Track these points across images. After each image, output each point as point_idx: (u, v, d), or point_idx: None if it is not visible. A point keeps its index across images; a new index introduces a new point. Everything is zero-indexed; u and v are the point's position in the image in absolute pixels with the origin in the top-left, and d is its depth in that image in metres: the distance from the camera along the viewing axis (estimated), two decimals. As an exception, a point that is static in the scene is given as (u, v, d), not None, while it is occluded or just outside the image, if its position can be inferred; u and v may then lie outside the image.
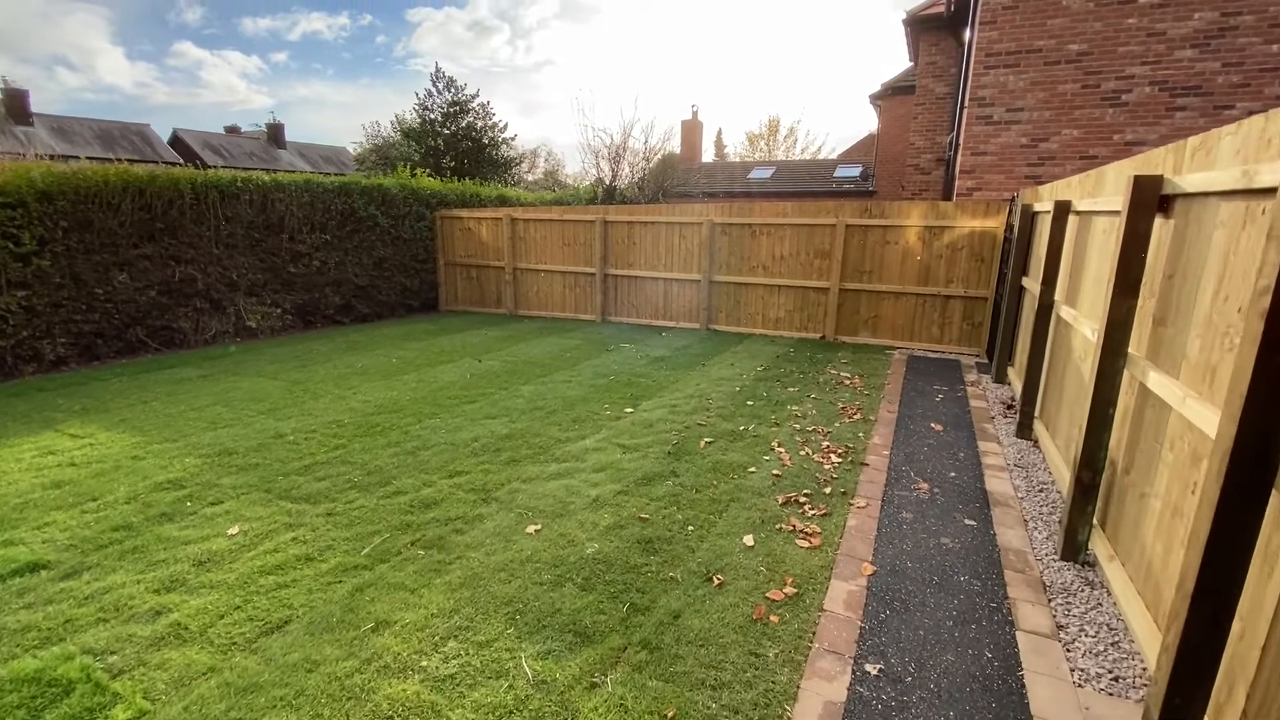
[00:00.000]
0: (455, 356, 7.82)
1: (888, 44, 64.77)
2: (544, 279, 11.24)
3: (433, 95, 18.55)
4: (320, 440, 4.84)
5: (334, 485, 4.05)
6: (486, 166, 18.72)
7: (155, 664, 2.45)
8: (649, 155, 17.29)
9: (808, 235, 9.04)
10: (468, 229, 11.68)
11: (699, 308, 9.94)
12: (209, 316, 8.51)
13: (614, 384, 6.58)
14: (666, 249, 10.08)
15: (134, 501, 3.78)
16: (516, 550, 3.29)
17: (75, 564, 3.12)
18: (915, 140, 14.01)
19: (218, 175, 8.37)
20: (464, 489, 4.02)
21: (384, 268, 10.90)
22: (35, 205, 6.57)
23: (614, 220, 10.38)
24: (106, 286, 7.34)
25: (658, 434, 5.05)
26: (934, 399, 6.22)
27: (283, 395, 6.05)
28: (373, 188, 10.53)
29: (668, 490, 4.02)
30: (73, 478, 4.11)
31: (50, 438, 4.85)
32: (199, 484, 4.04)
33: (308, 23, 68.97)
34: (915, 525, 3.65)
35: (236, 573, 3.06)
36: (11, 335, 6.58)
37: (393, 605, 2.82)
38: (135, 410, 5.56)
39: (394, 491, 3.97)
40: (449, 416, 5.45)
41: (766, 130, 35.47)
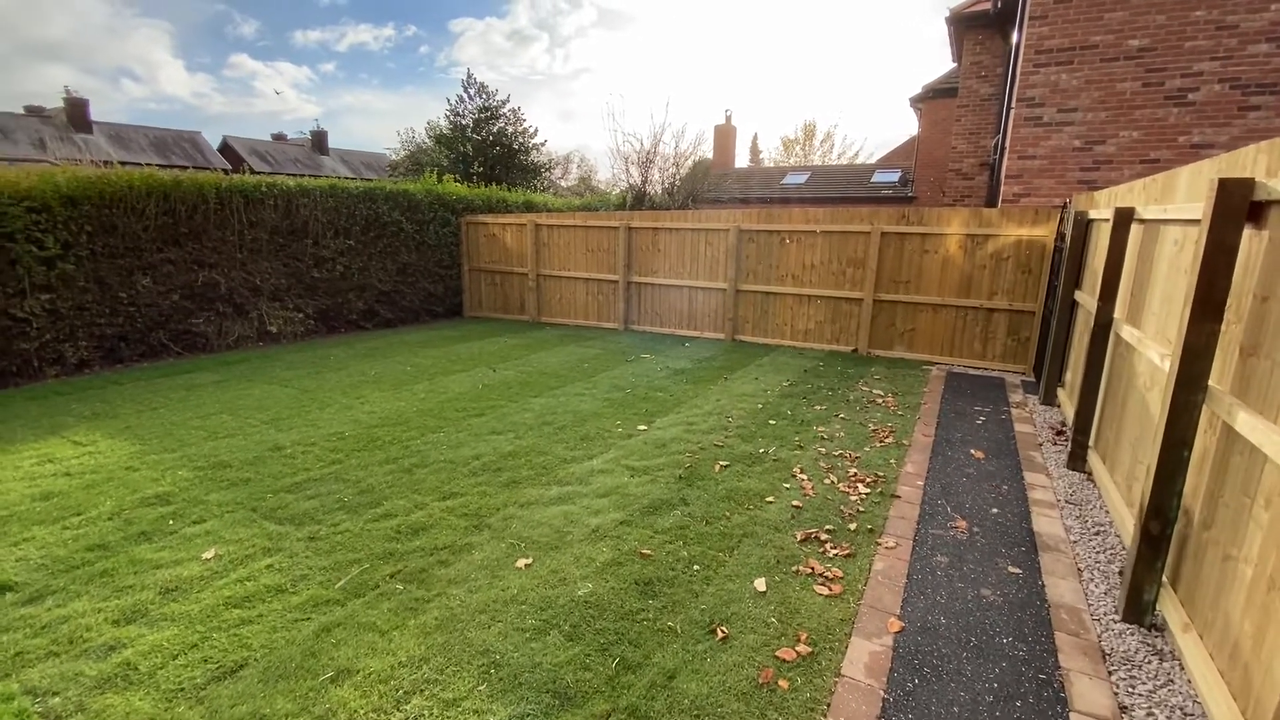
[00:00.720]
0: (470, 365, 7.64)
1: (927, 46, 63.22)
2: (567, 286, 11.02)
3: (464, 101, 18.63)
4: (318, 454, 4.66)
5: (322, 505, 3.84)
6: (516, 172, 18.69)
7: (94, 711, 2.23)
8: (679, 161, 17.00)
9: (840, 243, 8.60)
10: (492, 235, 11.56)
11: (724, 317, 9.57)
12: (231, 321, 8.52)
13: (630, 398, 6.28)
14: (691, 256, 9.74)
15: (116, 518, 3.64)
16: (502, 588, 3.00)
17: (42, 587, 2.96)
18: (957, 144, 13.38)
19: (242, 180, 8.40)
20: (456, 513, 3.76)
21: (408, 273, 10.84)
22: (60, 209, 6.62)
23: (638, 226, 10.10)
24: (130, 290, 7.38)
25: (670, 455, 4.72)
26: (975, 422, 5.74)
27: (290, 404, 5.92)
28: (398, 193, 10.48)
29: (675, 521, 3.69)
30: (63, 489, 4.00)
31: (54, 444, 4.79)
32: (186, 500, 3.88)
33: (355, 34, 71.16)
34: (951, 572, 3.24)
35: (202, 604, 2.85)
36: (35, 338, 6.64)
37: (359, 650, 2.56)
38: (142, 417, 5.50)
39: (383, 514, 3.74)
40: (453, 430, 5.22)
41: (802, 135, 34.86)
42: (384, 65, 72.32)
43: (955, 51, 13.97)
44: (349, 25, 71.26)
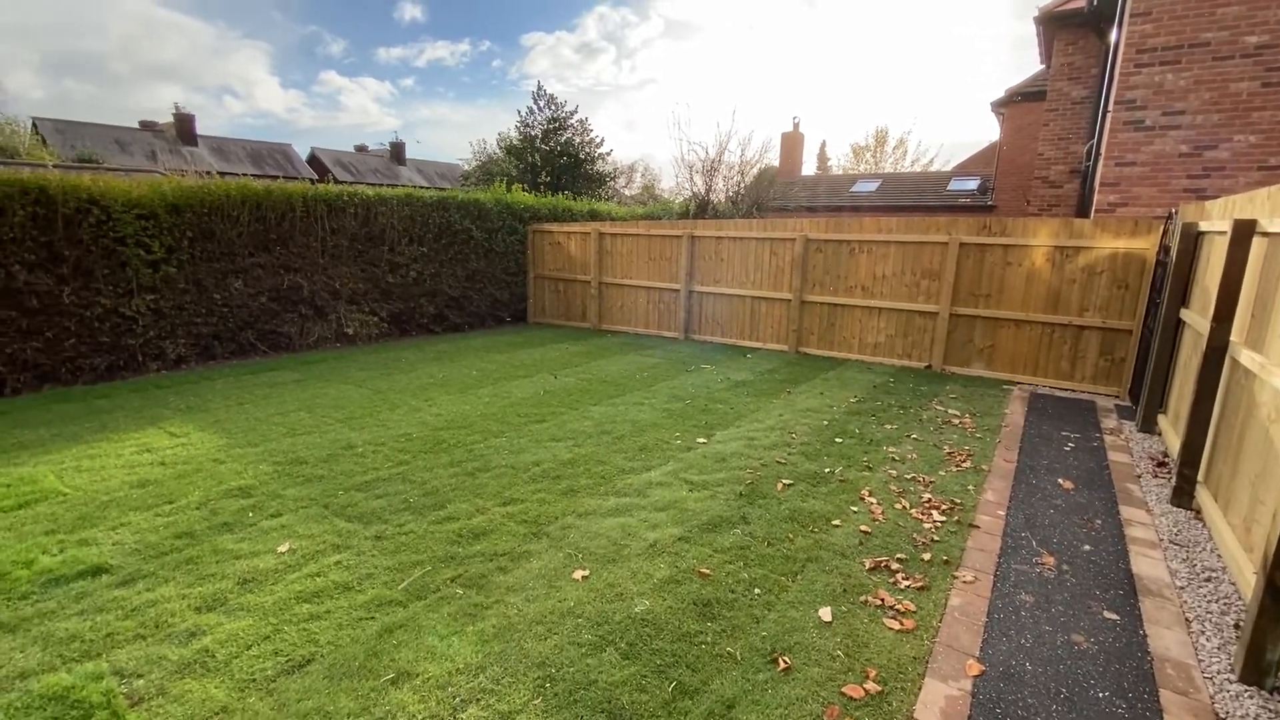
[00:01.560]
0: (533, 371, 7.74)
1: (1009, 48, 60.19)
2: (628, 294, 11.05)
3: (534, 113, 19.11)
4: (386, 454, 4.81)
5: (389, 505, 3.95)
6: (581, 181, 18.98)
7: (174, 695, 2.34)
8: (744, 169, 16.80)
9: (914, 253, 8.23)
10: (557, 243, 11.74)
11: (788, 329, 9.34)
12: (312, 322, 8.99)
13: (689, 409, 6.19)
14: (755, 265, 9.57)
15: (203, 507, 3.86)
16: (559, 599, 2.98)
17: (134, 570, 3.16)
18: (1045, 150, 12.61)
19: (325, 189, 8.87)
20: (516, 520, 3.78)
21: (476, 280, 11.15)
22: (165, 216, 7.18)
23: (701, 235, 10.02)
24: (224, 292, 7.90)
25: (731, 470, 4.61)
26: (1062, 448, 5.33)
27: (363, 404, 6.16)
28: (469, 202, 10.81)
29: (735, 540, 3.58)
30: (158, 478, 4.29)
31: (152, 435, 5.15)
32: (265, 494, 4.08)
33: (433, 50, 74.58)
34: (1038, 613, 2.99)
35: (275, 596, 2.97)
36: (140, 335, 7.20)
37: (419, 653, 2.59)
38: (230, 411, 5.84)
39: (446, 517, 3.80)
40: (515, 436, 5.28)
41: (873, 141, 33.85)
42: (459, 79, 75.50)
43: (1044, 53, 13.21)
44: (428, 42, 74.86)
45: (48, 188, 6.26)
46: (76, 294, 6.63)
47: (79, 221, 6.52)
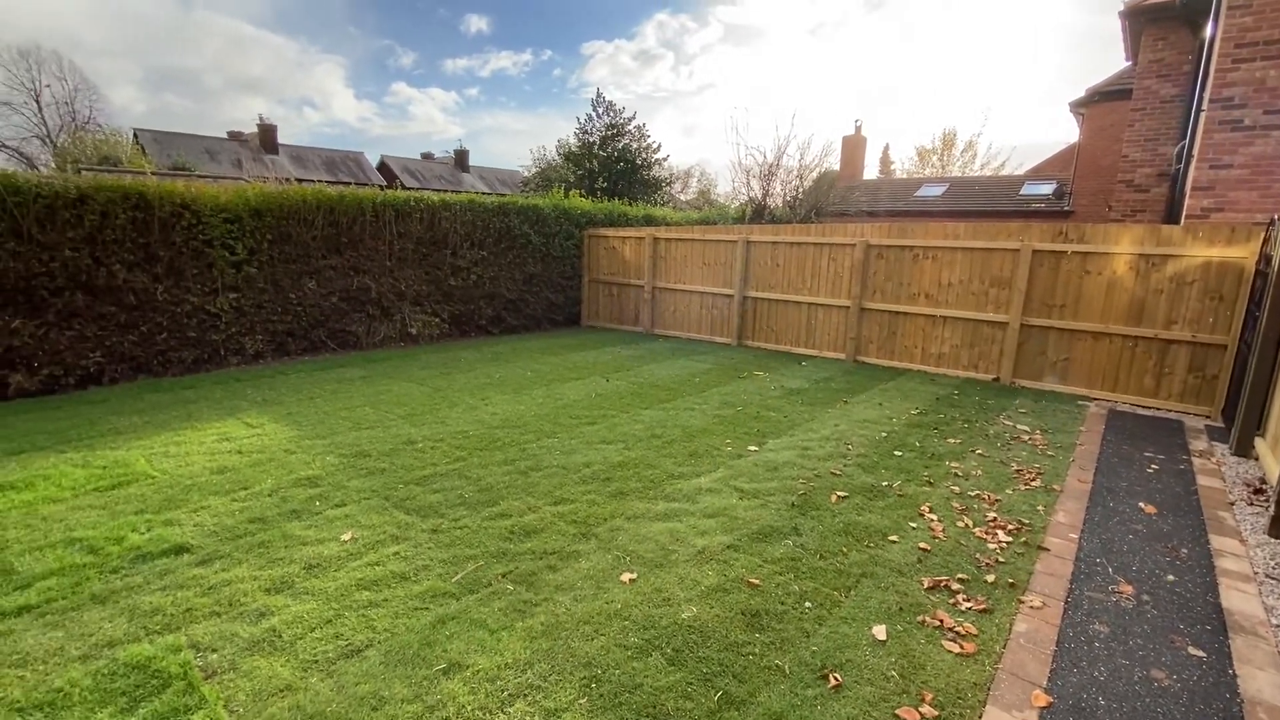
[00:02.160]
0: (585, 374, 7.83)
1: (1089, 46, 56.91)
2: (681, 299, 11.03)
3: (592, 119, 19.40)
4: (444, 450, 4.96)
5: (446, 500, 4.07)
6: (638, 187, 19.11)
7: (244, 670, 2.48)
8: (803, 173, 16.53)
9: (983, 260, 7.88)
10: (612, 248, 11.86)
11: (845, 337, 9.10)
12: (379, 322, 9.38)
13: (741, 416, 6.11)
14: (813, 271, 9.38)
15: (274, 495, 4.07)
16: (606, 601, 2.99)
17: (212, 551, 3.37)
18: (1129, 152, 11.85)
19: (393, 195, 9.25)
20: (566, 520, 3.82)
21: (533, 283, 11.39)
22: (248, 220, 7.65)
23: (757, 240, 9.90)
24: (299, 292, 8.35)
25: (783, 480, 4.52)
26: (1144, 470, 4.98)
27: (423, 401, 6.38)
28: (528, 207, 11.06)
29: (786, 551, 3.50)
30: (235, 465, 4.56)
31: (231, 425, 5.49)
32: (331, 484, 4.27)
33: (497, 61, 76.85)
34: (1113, 644, 2.79)
35: (338, 582, 3.10)
36: (223, 330, 7.70)
37: (469, 646, 2.65)
38: (301, 405, 6.16)
39: (499, 514, 3.88)
40: (566, 437, 5.35)
41: (940, 144, 32.65)
42: (521, 88, 77.50)
43: (1130, 49, 12.43)
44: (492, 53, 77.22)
45: (146, 193, 6.78)
46: (169, 292, 7.15)
47: (173, 224, 7.04)
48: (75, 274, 6.46)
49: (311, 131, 69.37)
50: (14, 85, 36.74)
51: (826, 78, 76.78)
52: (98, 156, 25.50)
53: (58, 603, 2.88)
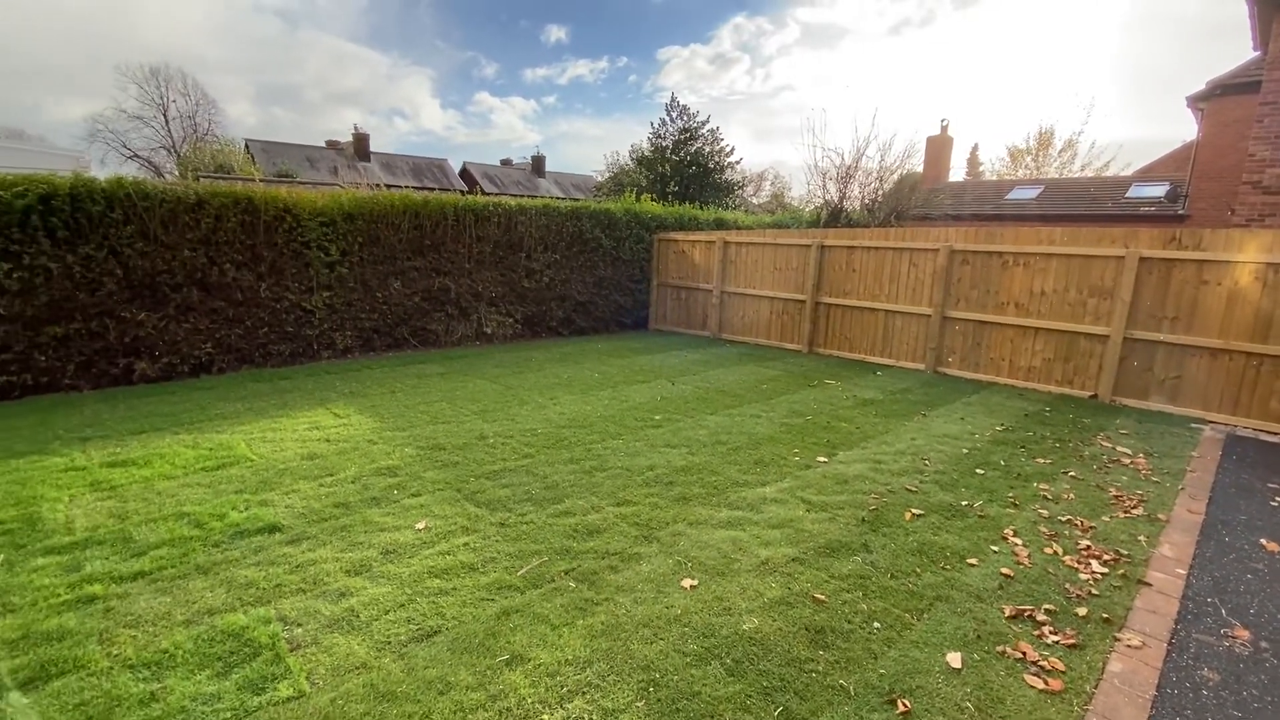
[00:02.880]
0: (651, 377, 7.85)
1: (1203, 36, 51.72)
2: (750, 303, 10.88)
3: (666, 124, 19.48)
4: (514, 447, 5.10)
5: (513, 494, 4.18)
6: (710, 190, 19.01)
7: (324, 646, 2.64)
8: (883, 175, 15.93)
9: (1081, 268, 7.33)
10: (681, 251, 11.85)
11: (925, 346, 8.69)
12: (457, 321, 9.78)
13: (810, 425, 5.95)
14: (891, 277, 9.02)
15: (357, 482, 4.32)
16: (666, 605, 2.98)
17: (300, 532, 3.61)
18: (1257, 150, 10.69)
19: (474, 200, 9.62)
20: (628, 521, 3.84)
21: (603, 286, 11.54)
22: (342, 223, 8.17)
23: (832, 244, 9.63)
24: (385, 291, 8.83)
25: (853, 493, 4.36)
26: (1268, 503, 4.47)
27: (495, 398, 6.59)
28: (600, 212, 11.23)
29: (855, 568, 3.37)
30: (323, 452, 4.87)
31: (320, 415, 5.87)
32: (408, 474, 4.48)
33: (574, 69, 78.61)
34: (1223, 694, 2.52)
35: (411, 569, 3.24)
36: (317, 326, 8.25)
37: (532, 639, 2.71)
38: (384, 398, 6.50)
39: (563, 512, 3.95)
40: (631, 439, 5.38)
41: (1035, 143, 30.64)
42: (597, 95, 78.95)
43: (1258, 37, 11.23)
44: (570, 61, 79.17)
45: (254, 198, 7.37)
46: (270, 289, 7.74)
47: (275, 227, 7.61)
48: (192, 272, 7.10)
49: (401, 140, 73.39)
50: (145, 101, 40.95)
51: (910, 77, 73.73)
52: (214, 165, 27.95)
53: (167, 570, 3.17)
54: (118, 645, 2.60)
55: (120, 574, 3.12)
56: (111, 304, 6.67)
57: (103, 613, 2.82)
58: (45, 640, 2.61)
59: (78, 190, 6.27)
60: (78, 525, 3.60)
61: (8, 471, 4.31)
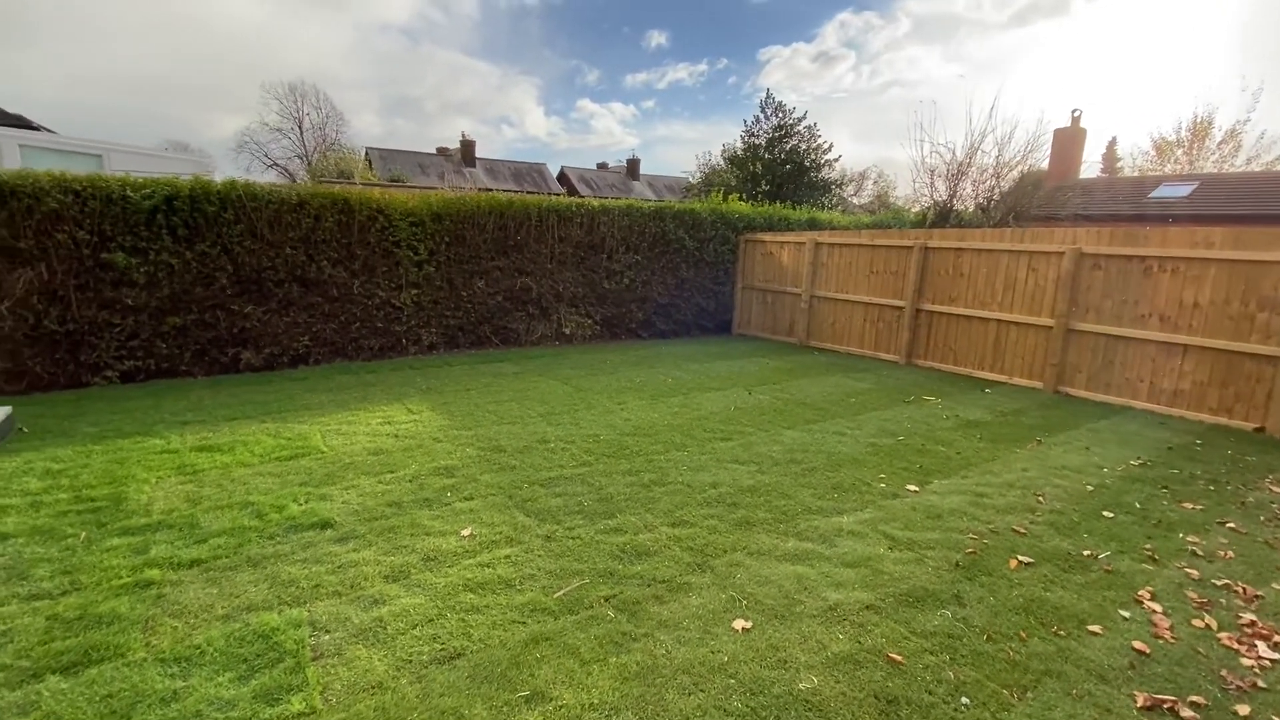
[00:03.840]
0: (727, 385, 7.45)
1: None
2: (842, 309, 10.15)
3: (759, 121, 18.83)
4: (573, 453, 4.91)
5: (565, 505, 3.98)
6: (804, 190, 18.17)
7: (345, 658, 2.52)
8: (1000, 171, 14.46)
9: (1247, 275, 6.16)
10: (769, 253, 11.30)
11: (1044, 362, 7.68)
12: (537, 321, 9.83)
13: (901, 448, 5.34)
14: (1005, 283, 8.06)
15: (414, 480, 4.28)
16: (712, 649, 2.64)
17: (349, 530, 3.58)
18: None
19: (558, 201, 9.63)
20: (682, 545, 3.52)
21: (685, 288, 11.23)
22: (430, 223, 8.40)
23: (937, 246, 8.77)
24: (469, 290, 9.01)
25: (946, 531, 3.79)
26: None
27: (565, 400, 6.46)
28: (684, 212, 10.93)
29: (943, 624, 2.87)
30: (389, 448, 4.91)
31: (395, 409, 5.98)
32: (464, 476, 4.40)
33: (674, 73, 78.82)
34: None
35: (448, 580, 3.10)
36: (405, 323, 8.53)
37: (558, 674, 2.46)
38: (458, 396, 6.55)
39: (614, 528, 3.69)
40: (696, 451, 5.04)
41: (1189, 135, 26.96)
42: (695, 98, 78.64)
43: None
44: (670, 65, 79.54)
45: (349, 200, 7.72)
46: (363, 286, 8.08)
47: (369, 227, 7.94)
48: (293, 268, 7.53)
49: (507, 146, 76.88)
50: (284, 115, 45.25)
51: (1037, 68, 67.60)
52: (336, 171, 30.34)
53: (221, 560, 3.22)
54: (158, 635, 2.62)
55: (180, 560, 3.20)
56: (223, 298, 7.19)
57: (154, 599, 2.88)
58: (97, 624, 2.68)
59: (196, 192, 6.80)
60: (155, 508, 3.77)
61: (112, 451, 4.66)
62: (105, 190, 6.36)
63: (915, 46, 77.23)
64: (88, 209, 6.30)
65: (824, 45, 76.97)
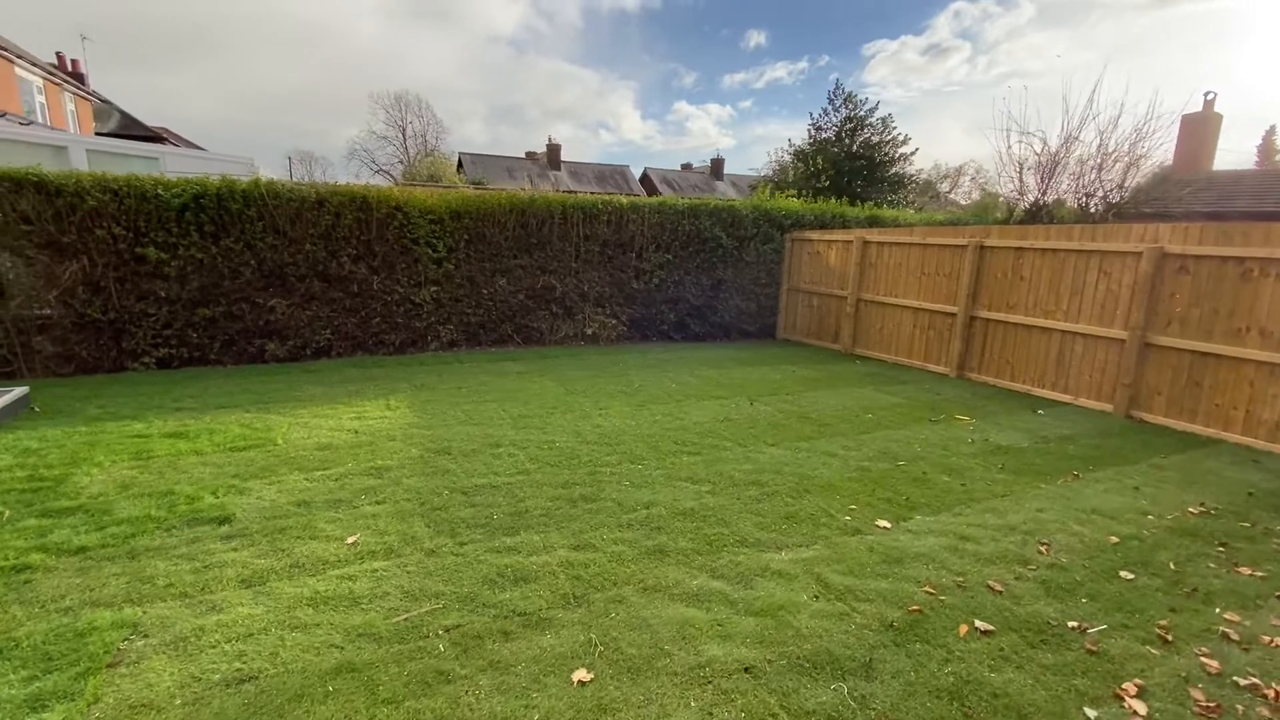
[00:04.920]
0: (734, 393, 6.88)
1: None
2: (890, 314, 9.22)
3: (826, 114, 17.68)
4: (518, 460, 4.63)
5: (474, 517, 3.70)
6: (876, 185, 16.86)
7: (139, 671, 2.37)
8: (1102, 162, 12.68)
9: (1385, 283, 4.85)
10: (815, 252, 10.50)
11: (1115, 381, 6.51)
12: (561, 320, 9.67)
13: (893, 474, 4.62)
14: (1071, 288, 6.94)
15: (339, 480, 4.16)
16: (530, 702, 2.25)
17: (244, 528, 3.47)
18: None
19: (584, 198, 9.41)
20: (571, 572, 3.13)
21: (722, 289, 10.66)
22: (449, 221, 8.44)
23: (994, 245, 7.71)
24: (490, 288, 8.99)
25: (899, 581, 3.15)
26: None
27: (547, 403, 6.20)
28: (721, 209, 10.38)
29: (830, 703, 2.31)
30: (341, 444, 4.84)
31: (376, 405, 5.96)
32: (391, 478, 4.23)
33: (773, 72, 77.04)
34: None
35: (299, 591, 2.90)
36: (424, 319, 8.63)
37: (336, 714, 2.17)
38: (446, 392, 6.46)
39: (509, 547, 3.37)
40: (653, 465, 4.60)
41: (1370, 119, 22.64)
42: (793, 96, 76.36)
43: None
44: (769, 65, 77.81)
45: (368, 197, 7.89)
46: (383, 283, 8.24)
47: (387, 224, 8.08)
48: (314, 264, 7.79)
49: (604, 150, 78.45)
50: (389, 123, 48.48)
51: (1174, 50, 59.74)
52: (426, 175, 31.98)
53: (106, 549, 3.20)
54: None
55: (68, 546, 3.22)
56: (249, 291, 7.55)
57: (20, 585, 2.89)
58: (-52, 606, 2.70)
59: (222, 191, 7.17)
60: (87, 492, 3.87)
61: (94, 432, 4.91)
62: (139, 189, 6.83)
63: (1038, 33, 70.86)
64: (124, 206, 6.79)
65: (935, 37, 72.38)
